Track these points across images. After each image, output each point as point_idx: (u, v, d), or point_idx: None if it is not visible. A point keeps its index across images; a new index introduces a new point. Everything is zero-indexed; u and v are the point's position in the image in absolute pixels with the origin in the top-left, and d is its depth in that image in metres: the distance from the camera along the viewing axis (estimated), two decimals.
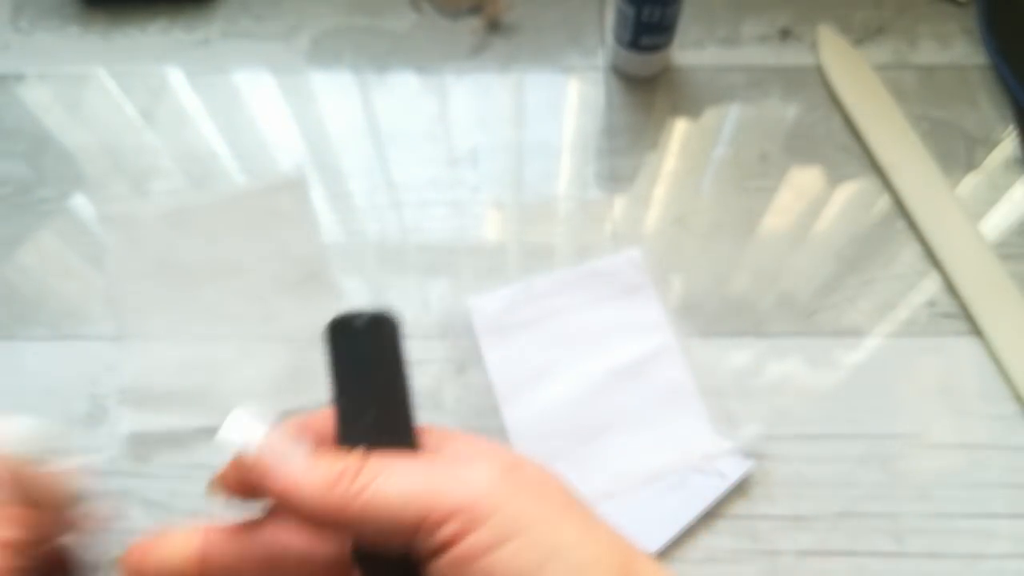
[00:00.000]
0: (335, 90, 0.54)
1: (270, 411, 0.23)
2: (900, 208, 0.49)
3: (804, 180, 0.50)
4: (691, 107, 0.53)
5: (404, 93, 0.54)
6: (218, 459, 0.24)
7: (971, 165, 0.50)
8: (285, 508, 0.22)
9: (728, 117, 0.52)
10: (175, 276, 0.47)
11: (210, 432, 0.43)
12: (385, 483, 0.21)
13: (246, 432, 0.22)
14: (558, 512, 0.21)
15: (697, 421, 0.42)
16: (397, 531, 0.20)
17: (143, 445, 0.43)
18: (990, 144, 0.51)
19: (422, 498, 0.20)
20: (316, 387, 0.44)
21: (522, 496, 0.21)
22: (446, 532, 0.20)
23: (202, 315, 0.46)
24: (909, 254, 0.47)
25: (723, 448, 0.41)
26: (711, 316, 0.46)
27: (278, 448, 0.22)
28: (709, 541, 0.40)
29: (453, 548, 0.20)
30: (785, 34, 0.55)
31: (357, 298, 0.46)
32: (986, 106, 0.52)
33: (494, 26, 0.56)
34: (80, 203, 0.50)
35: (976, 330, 0.45)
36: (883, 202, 0.49)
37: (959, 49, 0.54)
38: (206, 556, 0.23)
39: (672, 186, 0.50)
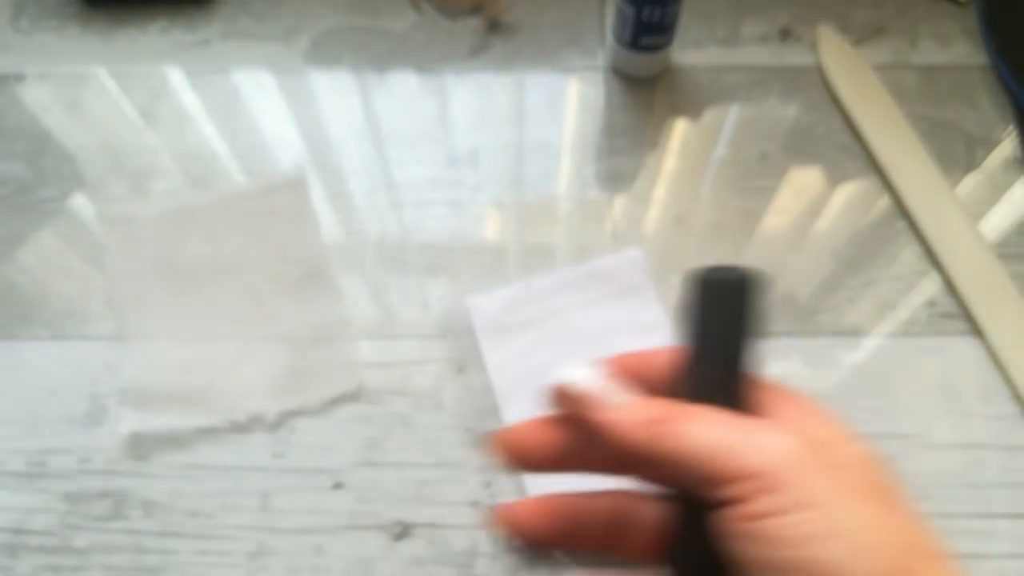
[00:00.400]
0: (335, 90, 0.54)
1: (595, 365, 0.26)
2: (900, 208, 0.49)
3: (804, 180, 0.50)
4: (691, 107, 0.53)
5: (404, 93, 0.54)
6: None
7: (971, 165, 0.50)
8: (600, 438, 0.25)
9: (728, 117, 0.52)
10: (175, 276, 0.47)
11: (210, 432, 0.43)
12: (693, 433, 0.23)
13: (581, 372, 0.26)
14: (853, 495, 0.22)
15: None
16: (694, 477, 0.23)
17: (143, 445, 0.43)
18: (990, 144, 0.51)
19: (723, 455, 0.22)
20: (316, 387, 0.44)
21: (820, 474, 0.22)
22: (738, 490, 0.22)
23: (202, 315, 0.46)
24: (909, 254, 0.47)
25: None
26: None
27: (603, 385, 0.25)
28: None
29: (741, 505, 0.22)
30: (785, 34, 0.55)
31: (357, 298, 0.46)
32: (986, 106, 0.52)
33: (494, 26, 0.56)
34: (80, 203, 0.50)
35: (976, 330, 0.45)
36: (883, 202, 0.49)
37: (959, 49, 0.54)
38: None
39: (672, 186, 0.50)
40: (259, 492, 0.42)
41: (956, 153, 0.50)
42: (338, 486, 0.42)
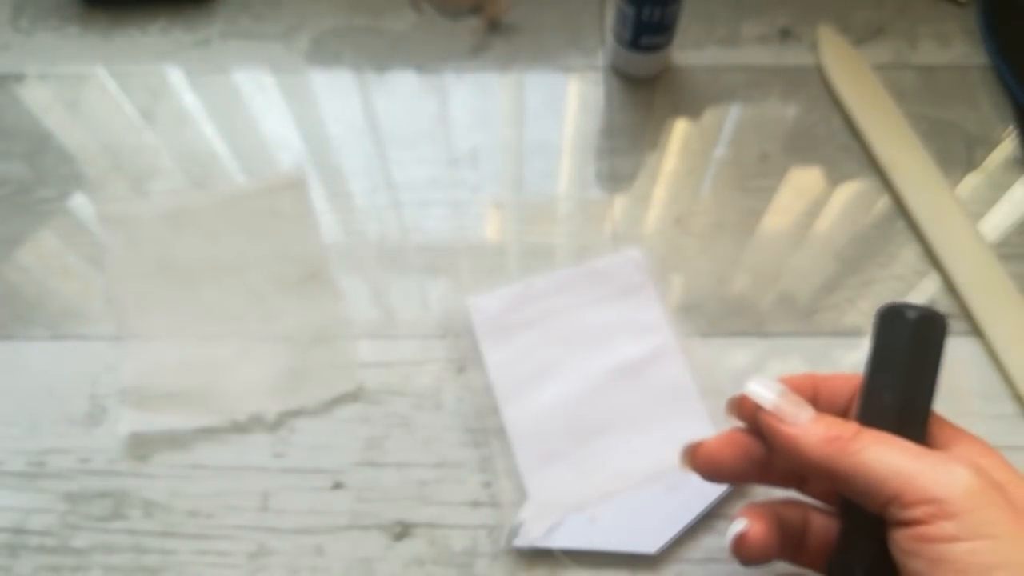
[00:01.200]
0: (335, 90, 0.54)
1: (777, 382, 0.29)
2: (900, 208, 0.49)
3: (804, 180, 0.50)
4: (691, 107, 0.53)
5: (404, 93, 0.54)
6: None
7: (971, 165, 0.50)
8: (783, 451, 0.28)
9: (728, 117, 0.52)
10: (175, 276, 0.47)
11: (210, 432, 0.43)
12: (874, 455, 0.25)
13: (767, 387, 0.28)
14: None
15: (697, 421, 0.42)
16: (873, 496, 0.25)
17: (143, 445, 0.43)
18: (990, 144, 0.51)
19: (902, 479, 0.24)
20: (316, 387, 0.44)
21: (995, 510, 0.24)
22: (915, 512, 0.24)
23: (202, 315, 0.46)
24: (909, 254, 0.47)
25: None
26: (711, 316, 0.46)
27: (789, 405, 0.28)
28: (709, 541, 0.40)
29: (919, 527, 0.24)
30: (785, 34, 0.55)
31: (357, 298, 0.47)
32: (986, 106, 0.52)
33: (494, 26, 0.56)
34: (80, 203, 0.50)
35: (976, 330, 0.45)
36: (883, 202, 0.49)
37: (959, 49, 0.54)
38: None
39: (672, 186, 0.50)
40: (259, 492, 0.42)
41: (956, 153, 0.50)
42: (338, 486, 0.42)
